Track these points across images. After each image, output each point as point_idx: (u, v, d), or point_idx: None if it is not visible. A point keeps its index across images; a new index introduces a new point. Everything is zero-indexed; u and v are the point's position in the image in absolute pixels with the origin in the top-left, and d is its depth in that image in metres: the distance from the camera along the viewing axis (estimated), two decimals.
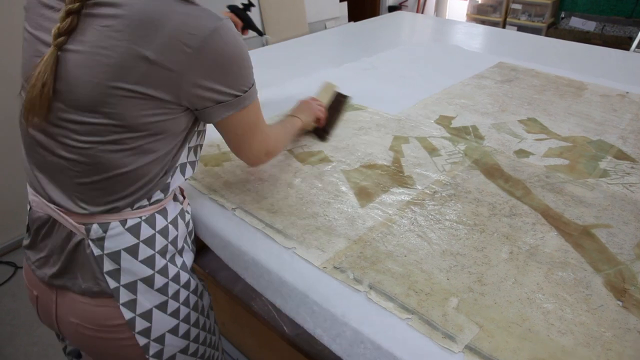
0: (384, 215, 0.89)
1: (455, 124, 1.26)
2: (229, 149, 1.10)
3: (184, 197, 0.87)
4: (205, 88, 0.68)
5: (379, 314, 0.69)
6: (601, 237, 0.86)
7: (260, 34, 1.31)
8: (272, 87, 1.50)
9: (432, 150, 1.12)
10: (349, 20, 3.37)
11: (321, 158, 1.07)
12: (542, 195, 0.97)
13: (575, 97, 1.46)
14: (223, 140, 1.04)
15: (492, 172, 1.05)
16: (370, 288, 0.73)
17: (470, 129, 1.23)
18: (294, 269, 0.77)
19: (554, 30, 3.51)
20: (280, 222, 0.86)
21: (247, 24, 1.25)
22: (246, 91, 0.74)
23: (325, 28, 3.22)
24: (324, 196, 0.94)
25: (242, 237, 0.83)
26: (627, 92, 1.52)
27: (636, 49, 2.48)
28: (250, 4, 1.26)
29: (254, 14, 1.42)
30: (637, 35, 3.04)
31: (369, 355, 0.66)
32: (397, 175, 1.02)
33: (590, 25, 3.37)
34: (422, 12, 4.14)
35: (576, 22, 3.42)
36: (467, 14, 3.92)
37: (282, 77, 1.59)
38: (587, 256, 0.82)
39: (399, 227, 0.86)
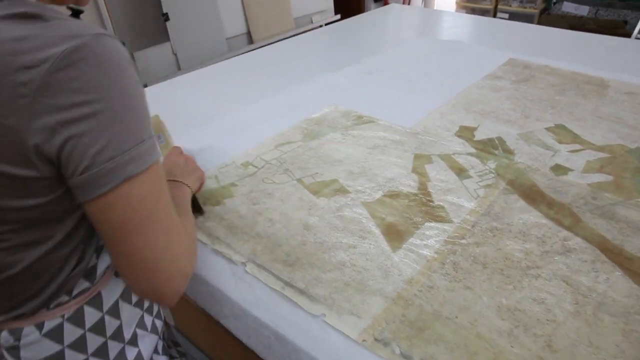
0: (421, 261, 0.76)
1: (479, 136, 1.12)
2: (229, 181, 0.96)
3: None
4: None
5: None
6: None
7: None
8: (267, 99, 1.35)
9: (460, 171, 0.99)
10: (335, 13, 3.21)
11: (337, 188, 0.93)
12: (594, 223, 0.85)
13: (599, 97, 1.34)
14: (220, 170, 0.95)
15: (532, 195, 0.92)
16: None
17: (497, 142, 1.10)
18: (327, 345, 0.63)
19: (547, 16, 3.40)
20: (302, 279, 0.72)
21: None
22: (130, 150, 0.48)
23: (312, 22, 3.05)
24: (347, 239, 0.80)
25: (259, 304, 0.69)
26: None
27: (638, 35, 2.38)
28: (80, 11, 0.88)
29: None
30: (631, 18, 2.95)
31: None
32: (426, 206, 0.88)
33: (583, 10, 3.27)
34: (409, 4, 3.99)
35: (569, 7, 3.31)
36: (456, 2, 3.78)
37: (276, 86, 1.44)
38: None
39: (441, 277, 0.73)
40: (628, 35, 3.16)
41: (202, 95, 1.43)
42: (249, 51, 2.73)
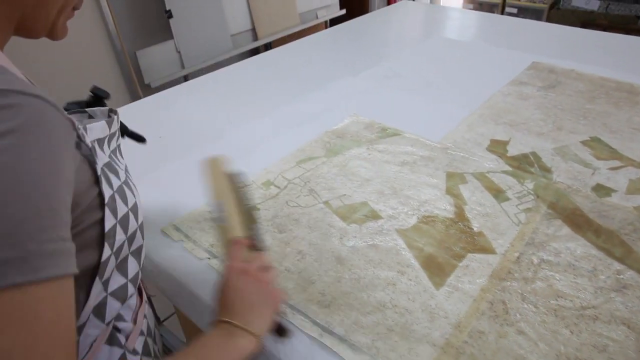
0: (467, 300, 0.70)
1: (512, 151, 1.06)
2: (252, 204, 0.89)
3: (136, 321, 0.60)
4: None
5: None
6: None
7: (140, 139, 0.83)
8: (282, 107, 1.28)
9: (498, 193, 0.92)
10: (341, 8, 3.13)
11: (367, 214, 0.87)
12: None
13: (632, 105, 1.28)
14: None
15: (577, 221, 0.86)
16: None
17: (532, 158, 1.03)
18: None
19: (556, 11, 3.32)
20: (340, 323, 0.66)
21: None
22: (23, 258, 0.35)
23: (317, 17, 2.97)
24: (385, 273, 0.74)
25: (295, 353, 0.63)
26: None
27: None
28: (103, 95, 0.76)
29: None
30: None
31: None
32: (466, 234, 0.82)
33: (594, 4, 3.19)
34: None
35: (579, 2, 3.23)
36: None
37: (290, 93, 1.37)
38: None
39: (491, 319, 0.67)
40: None
41: (211, 104, 1.35)
42: (254, 48, 2.66)
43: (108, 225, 0.49)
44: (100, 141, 0.54)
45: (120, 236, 0.51)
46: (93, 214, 0.47)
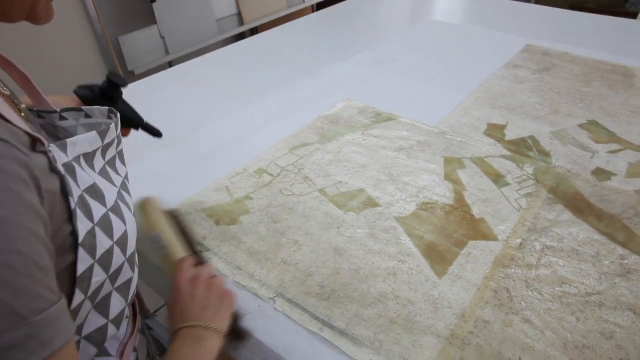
0: (471, 289, 0.68)
1: (510, 135, 1.04)
2: (243, 193, 0.86)
3: (122, 355, 0.54)
4: None
5: None
6: None
7: (156, 133, 0.77)
8: (273, 94, 1.24)
9: (497, 178, 0.90)
10: None
11: (364, 201, 0.84)
12: None
13: (627, 88, 1.26)
14: (230, 179, 0.81)
15: (578, 206, 0.84)
16: None
17: (530, 142, 1.01)
18: None
19: None
20: (340, 317, 0.64)
21: (124, 118, 0.71)
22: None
23: (304, 2, 2.91)
24: (385, 263, 0.72)
25: (294, 348, 0.60)
26: None
27: None
28: (120, 82, 0.69)
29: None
30: None
31: None
32: (466, 221, 0.80)
33: None
34: None
35: None
36: None
37: (280, 78, 1.33)
38: None
39: (496, 308, 0.65)
40: (630, 14, 3.09)
41: (198, 90, 1.31)
42: (239, 32, 2.60)
43: (81, 268, 0.41)
44: (87, 156, 0.46)
45: (98, 277, 0.43)
46: (63, 257, 0.39)
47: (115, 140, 0.51)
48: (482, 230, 0.78)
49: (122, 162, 0.54)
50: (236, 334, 0.59)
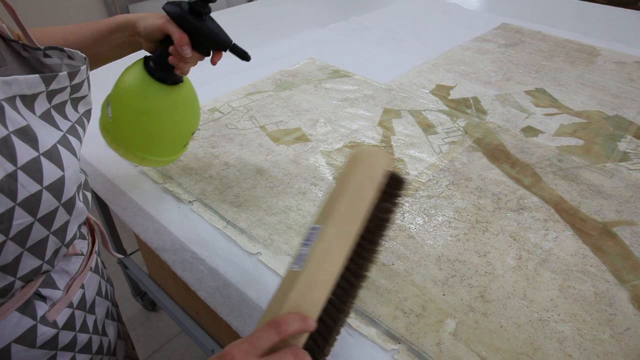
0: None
1: (454, 95, 1.10)
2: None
3: (69, 290, 0.55)
4: None
5: (358, 344, 0.56)
6: (624, 238, 0.73)
7: (244, 56, 0.67)
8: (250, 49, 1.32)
9: (428, 127, 0.97)
10: None
11: (298, 136, 0.92)
12: (555, 184, 0.83)
13: (587, 65, 1.30)
14: None
15: (497, 154, 0.90)
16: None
17: (472, 102, 1.07)
18: (257, 281, 0.63)
19: None
20: (245, 220, 0.72)
21: (204, 38, 0.62)
22: None
23: None
24: (299, 184, 0.80)
25: (198, 240, 0.69)
26: None
27: None
28: None
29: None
30: None
31: None
32: None
33: None
34: None
35: None
36: None
37: (257, 40, 1.41)
38: (608, 263, 0.69)
39: None
40: (621, 3, 3.05)
41: None
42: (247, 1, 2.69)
43: None
44: (26, 98, 0.44)
45: (21, 220, 0.42)
46: None
47: (68, 89, 0.48)
48: (397, 167, 0.85)
49: (75, 108, 0.51)
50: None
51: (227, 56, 0.65)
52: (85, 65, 0.49)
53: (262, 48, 1.33)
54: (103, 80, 0.73)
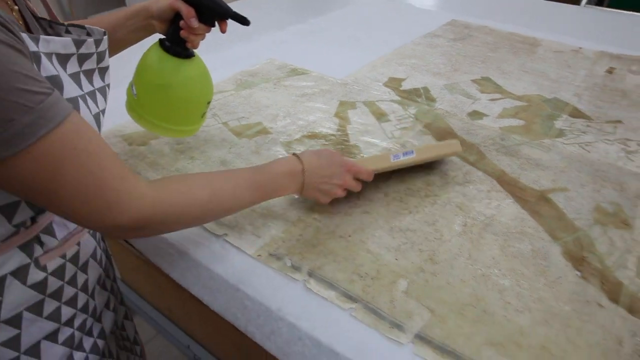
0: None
1: (406, 86, 1.17)
2: None
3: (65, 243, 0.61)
4: None
5: (319, 306, 0.61)
6: (558, 202, 0.81)
7: (244, 21, 0.76)
8: (207, 54, 1.37)
9: (381, 116, 1.03)
10: None
11: (259, 130, 0.97)
12: (497, 160, 0.91)
13: (529, 54, 1.40)
14: None
15: (444, 136, 0.97)
16: (310, 275, 0.65)
17: (422, 91, 1.15)
18: (224, 259, 0.68)
19: None
20: None
21: (208, 9, 0.71)
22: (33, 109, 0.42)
23: None
24: None
25: None
26: (580, 48, 1.47)
27: (587, 4, 2.43)
28: None
29: None
30: None
31: (307, 353, 0.58)
32: (342, 145, 0.93)
33: None
34: None
35: None
36: None
37: (216, 43, 1.46)
38: (544, 224, 0.76)
39: (343, 203, 0.78)
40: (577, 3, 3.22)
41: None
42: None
43: None
44: (61, 56, 0.54)
45: None
46: None
47: (95, 56, 0.59)
48: (352, 152, 0.91)
49: (102, 78, 0.62)
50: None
51: None
52: (106, 36, 0.60)
53: (223, 51, 1.38)
54: (124, 65, 0.86)
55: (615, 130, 1.04)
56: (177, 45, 0.73)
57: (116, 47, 0.77)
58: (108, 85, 0.65)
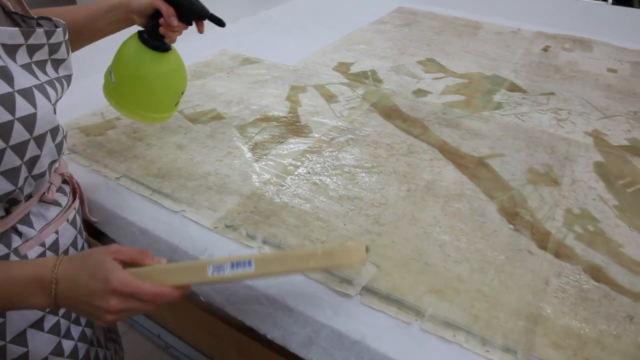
0: (279, 167, 0.85)
1: (354, 69, 1.23)
2: (114, 116, 1.01)
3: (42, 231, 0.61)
4: None
5: None
6: (495, 167, 0.87)
7: (220, 22, 0.82)
8: None
9: (330, 97, 1.08)
10: None
11: (213, 116, 1.01)
12: (439, 132, 0.97)
13: (471, 36, 1.47)
14: (107, 108, 0.89)
15: (390, 113, 1.03)
16: (264, 243, 0.69)
17: (369, 74, 1.20)
18: (183, 232, 0.71)
19: None
20: (169, 186, 0.80)
21: (187, 10, 0.76)
22: None
23: None
24: (216, 154, 0.88)
25: (128, 207, 0.76)
26: (519, 29, 1.56)
27: None
28: None
29: None
30: None
31: (264, 311, 0.62)
32: (293, 126, 0.97)
33: None
34: None
35: None
36: None
37: None
38: (482, 185, 0.82)
39: (295, 177, 0.83)
40: None
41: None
42: None
43: None
44: (7, 47, 0.52)
45: None
46: None
47: (47, 47, 0.57)
48: (303, 131, 0.96)
49: (56, 69, 0.60)
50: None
51: None
52: (62, 28, 0.59)
53: (177, 44, 1.40)
54: (102, 53, 0.87)
55: (549, 101, 1.12)
56: (156, 40, 0.77)
57: (94, 36, 0.80)
58: (65, 77, 0.63)
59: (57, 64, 0.61)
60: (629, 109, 1.10)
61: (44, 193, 0.64)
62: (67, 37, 0.62)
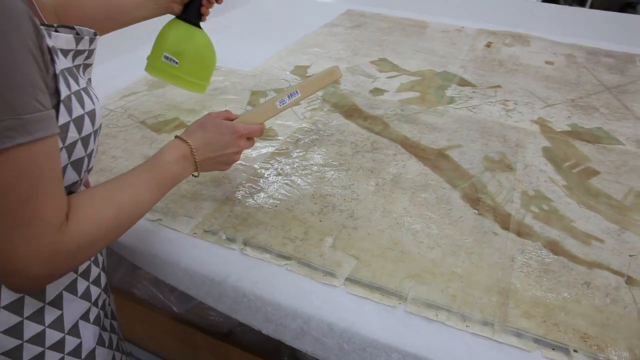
0: (250, 170, 0.87)
1: (311, 72, 1.26)
2: None
3: None
4: None
5: (257, 266, 0.67)
6: (454, 157, 0.92)
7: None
8: (116, 57, 1.38)
9: None
10: None
11: (176, 125, 1.01)
12: (399, 127, 1.01)
13: (419, 35, 1.54)
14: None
15: (351, 112, 1.07)
16: (245, 244, 0.70)
17: None
18: (162, 241, 0.72)
19: None
20: None
21: None
22: None
23: None
24: None
25: None
26: (463, 27, 1.64)
27: None
28: None
29: None
30: None
31: (253, 307, 0.64)
32: None
33: None
34: None
35: None
36: None
37: (129, 45, 1.45)
38: (444, 175, 0.87)
39: (266, 179, 0.84)
40: None
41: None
42: None
43: (61, 120, 0.49)
44: (64, 51, 0.54)
45: (72, 134, 0.51)
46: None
47: (87, 53, 0.59)
48: (269, 135, 0.98)
49: (83, 74, 0.61)
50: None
51: (101, 69, 0.74)
52: (98, 36, 0.61)
53: (133, 53, 1.38)
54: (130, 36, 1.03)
55: (496, 93, 1.19)
56: (198, 19, 0.93)
57: (128, 23, 0.88)
58: (89, 80, 0.63)
59: (85, 68, 0.62)
60: (567, 97, 1.19)
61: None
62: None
